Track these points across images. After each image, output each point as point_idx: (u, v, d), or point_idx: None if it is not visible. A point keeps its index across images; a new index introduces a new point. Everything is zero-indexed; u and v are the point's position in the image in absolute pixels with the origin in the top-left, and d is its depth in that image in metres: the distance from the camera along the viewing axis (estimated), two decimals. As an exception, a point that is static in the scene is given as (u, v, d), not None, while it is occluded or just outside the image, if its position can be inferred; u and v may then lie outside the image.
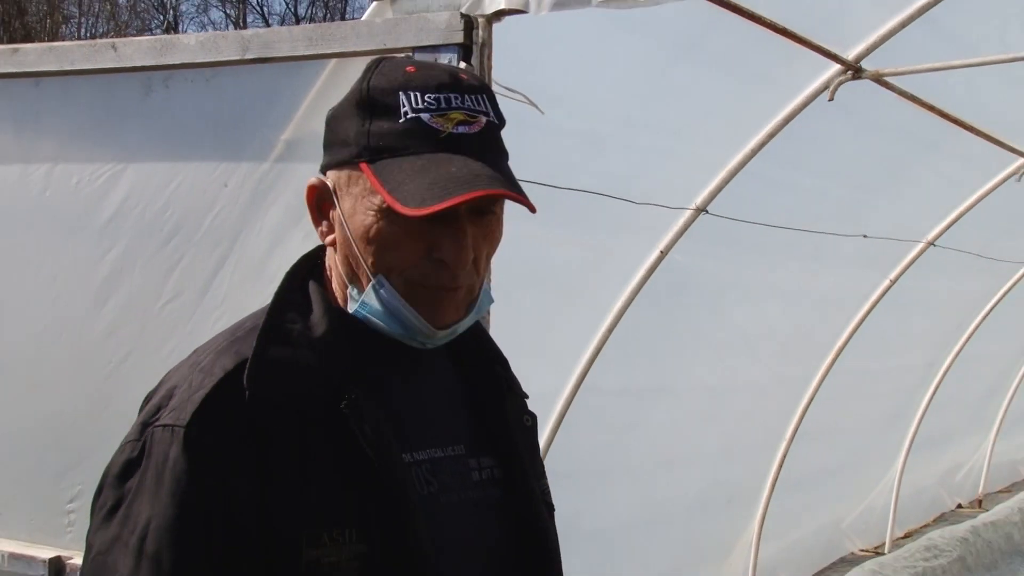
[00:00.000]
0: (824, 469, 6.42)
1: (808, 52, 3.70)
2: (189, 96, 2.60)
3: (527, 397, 1.55)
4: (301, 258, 1.40)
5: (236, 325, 1.35)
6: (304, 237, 2.33)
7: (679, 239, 4.16)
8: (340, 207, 1.30)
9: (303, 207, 1.37)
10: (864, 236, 5.35)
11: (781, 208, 4.67)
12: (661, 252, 4.15)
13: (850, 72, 3.93)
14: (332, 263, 1.36)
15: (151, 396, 1.30)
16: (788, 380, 5.78)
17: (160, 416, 1.24)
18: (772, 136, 4.09)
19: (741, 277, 4.99)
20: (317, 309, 1.32)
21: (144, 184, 2.65)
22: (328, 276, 1.37)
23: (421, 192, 1.20)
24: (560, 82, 3.14)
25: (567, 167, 3.40)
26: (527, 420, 1.49)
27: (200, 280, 2.59)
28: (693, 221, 4.16)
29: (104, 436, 1.99)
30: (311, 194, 1.34)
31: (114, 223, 2.68)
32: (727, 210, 4.22)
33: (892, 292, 5.99)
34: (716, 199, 4.16)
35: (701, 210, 4.15)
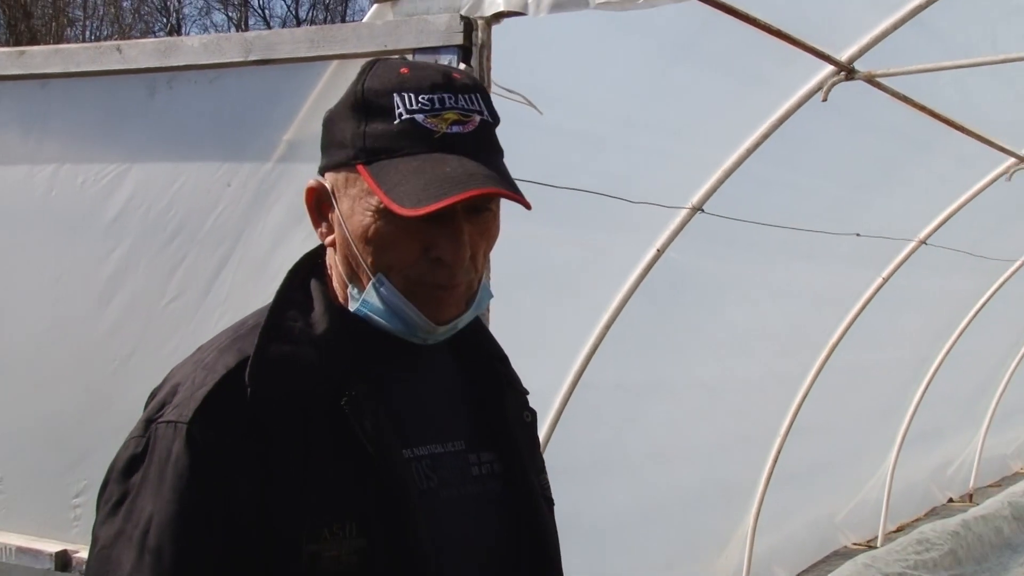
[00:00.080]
0: (818, 464, 6.42)
1: (802, 53, 3.70)
2: (193, 97, 2.60)
3: (528, 393, 1.54)
4: (303, 257, 1.40)
5: (239, 323, 1.35)
6: (306, 236, 2.32)
7: (675, 238, 4.16)
8: (338, 208, 1.30)
9: (305, 207, 1.37)
10: (857, 235, 5.35)
11: (776, 207, 4.67)
12: (658, 251, 4.15)
13: (843, 73, 3.94)
14: (332, 263, 1.36)
15: (156, 393, 1.30)
16: (783, 376, 5.79)
17: (164, 413, 1.24)
18: (767, 136, 4.09)
19: (736, 275, 4.99)
20: (318, 307, 1.32)
21: (148, 184, 2.64)
22: (329, 275, 1.37)
23: (417, 192, 1.20)
24: (558, 83, 3.13)
25: (565, 167, 3.39)
26: (527, 416, 1.49)
27: (203, 279, 2.59)
28: (689, 220, 4.15)
29: (109, 432, 1.99)
30: (310, 196, 1.34)
31: (119, 222, 2.68)
32: (723, 209, 4.22)
33: (885, 290, 6.00)
34: (712, 198, 4.16)
35: (697, 209, 4.15)
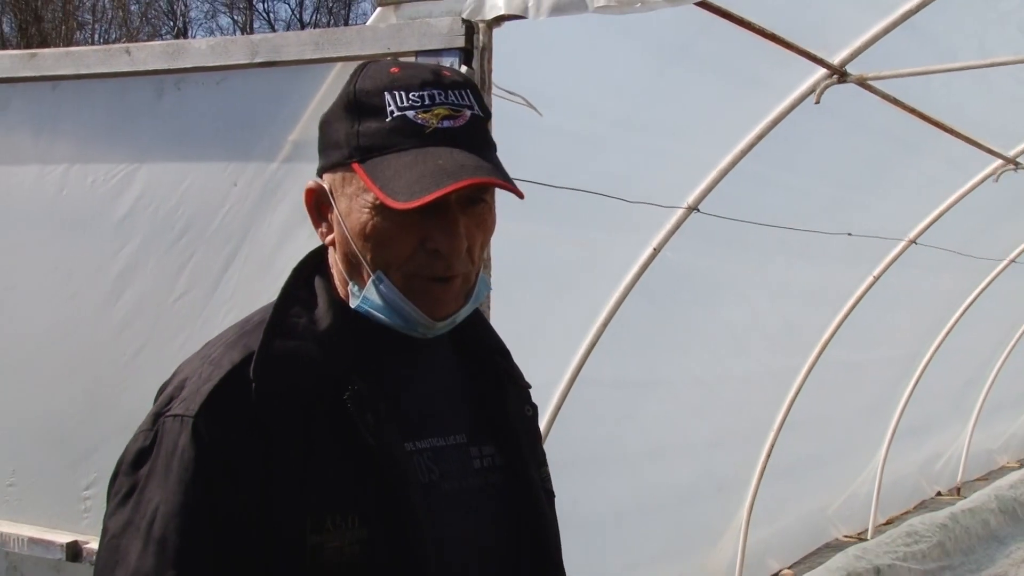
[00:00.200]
0: (810, 458, 6.42)
1: (795, 57, 3.70)
2: (200, 98, 2.59)
3: (530, 387, 1.54)
4: (307, 255, 1.40)
5: (245, 319, 1.35)
6: (310, 235, 2.31)
7: (671, 237, 4.16)
8: (337, 208, 1.30)
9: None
10: (849, 234, 5.35)
11: (770, 207, 4.67)
12: (654, 249, 4.15)
13: (836, 76, 3.94)
14: (333, 262, 1.36)
15: (164, 387, 1.31)
16: (776, 372, 5.78)
17: (171, 407, 1.24)
18: (761, 137, 4.09)
19: (732, 274, 4.98)
20: (322, 303, 1.32)
21: (157, 183, 2.64)
22: (331, 273, 1.37)
23: (410, 186, 1.20)
24: (557, 85, 3.13)
25: (564, 167, 3.39)
26: (528, 410, 1.49)
27: (211, 276, 2.59)
28: (685, 219, 4.15)
29: (119, 426, 1.99)
30: (309, 197, 1.35)
31: (128, 221, 2.68)
32: (718, 209, 4.21)
33: (876, 288, 6.00)
34: (707, 198, 4.16)
35: (693, 209, 4.15)
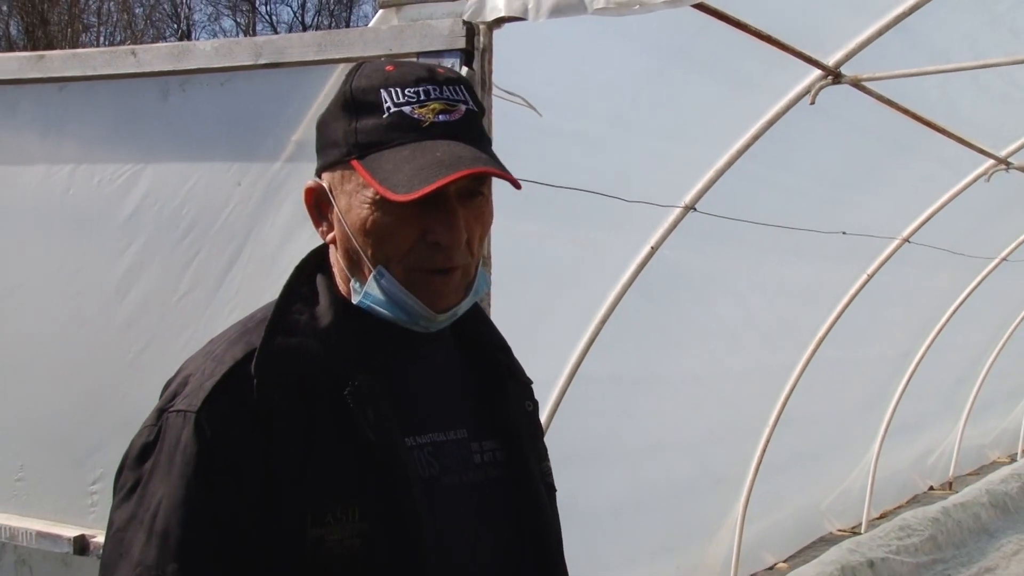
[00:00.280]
0: (805, 454, 6.42)
1: (791, 58, 3.70)
2: (205, 99, 2.59)
3: (531, 383, 1.54)
4: (309, 253, 1.40)
5: (248, 317, 1.35)
6: (313, 233, 2.28)
7: (669, 235, 4.15)
8: (337, 205, 1.30)
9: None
10: (843, 233, 5.35)
11: (765, 206, 4.66)
12: (652, 248, 4.15)
13: (830, 77, 3.93)
14: (335, 260, 1.36)
15: (169, 383, 1.31)
16: (771, 369, 5.78)
17: (175, 402, 1.25)
18: (757, 138, 4.08)
19: (727, 272, 4.98)
20: (323, 300, 1.32)
21: (162, 183, 2.64)
22: (333, 271, 1.37)
23: (409, 179, 1.20)
24: (557, 86, 3.12)
25: (563, 167, 3.39)
26: (528, 406, 1.48)
27: (215, 274, 2.58)
28: (682, 218, 4.15)
29: (124, 421, 1.98)
30: (309, 196, 1.34)
31: (134, 220, 2.67)
32: (714, 208, 4.21)
33: (869, 286, 5.99)
34: (704, 197, 4.15)
35: (689, 208, 4.15)
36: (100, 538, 2.63)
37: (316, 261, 1.38)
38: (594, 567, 4.39)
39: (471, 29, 2.24)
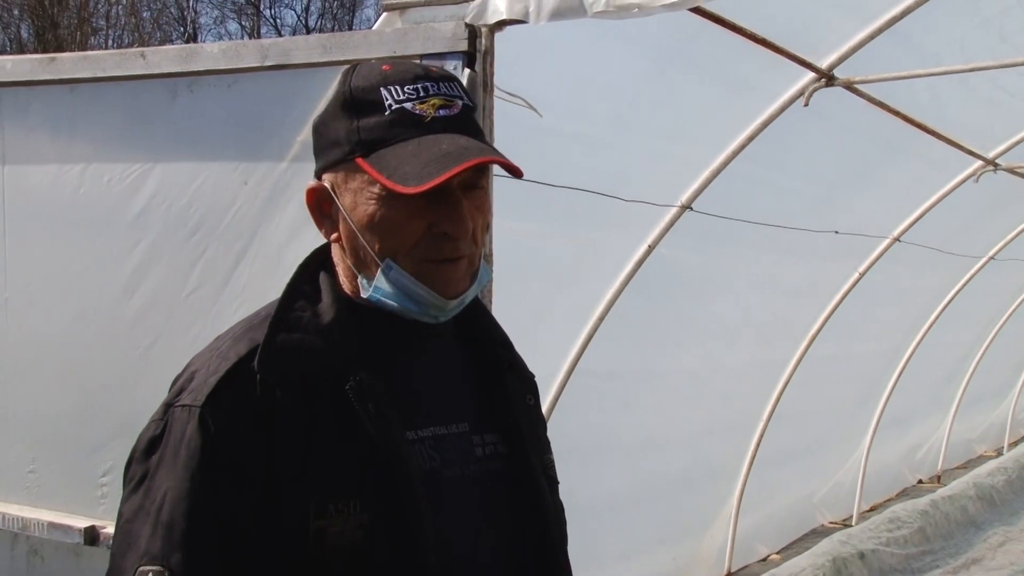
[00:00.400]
0: (798, 448, 6.42)
1: (786, 61, 3.69)
2: (212, 100, 2.58)
3: (533, 377, 1.53)
4: (312, 252, 1.39)
5: (253, 314, 1.35)
6: (318, 232, 2.31)
7: (665, 234, 4.15)
8: (341, 204, 1.30)
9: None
10: (836, 232, 5.34)
11: (760, 206, 4.66)
12: (649, 246, 4.14)
13: (823, 80, 3.93)
14: (338, 259, 1.35)
15: (177, 379, 1.31)
16: (765, 365, 5.78)
17: (181, 397, 1.25)
18: (752, 138, 4.08)
19: (722, 269, 4.97)
20: (326, 298, 1.32)
21: (170, 182, 2.63)
22: (335, 270, 1.36)
23: (418, 171, 1.21)
24: (556, 87, 3.12)
25: (562, 167, 3.38)
26: (529, 399, 1.48)
27: (222, 272, 2.58)
28: (679, 218, 4.14)
29: (133, 415, 1.97)
30: (310, 197, 1.34)
31: (142, 218, 2.67)
32: (710, 207, 4.21)
33: (861, 284, 5.99)
34: (700, 197, 4.15)
35: (686, 207, 4.14)
36: (110, 529, 2.63)
37: (319, 260, 1.38)
38: (591, 560, 4.39)
39: (473, 32, 2.23)
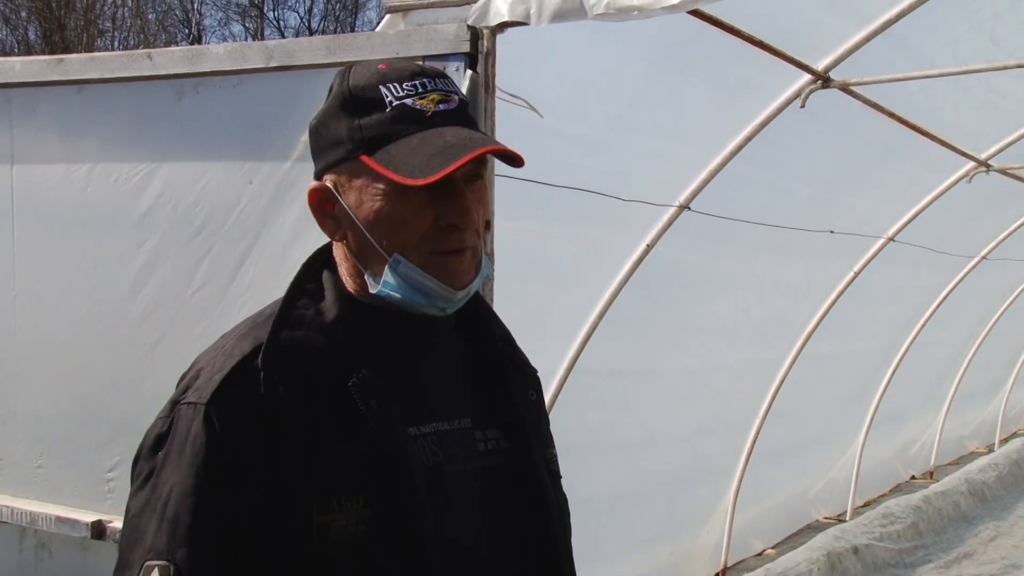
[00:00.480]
0: (793, 444, 6.42)
1: (782, 63, 3.69)
2: (217, 101, 2.58)
3: (536, 372, 1.53)
4: (316, 251, 1.39)
5: (258, 312, 1.35)
6: (321, 231, 2.31)
7: (664, 234, 4.15)
8: (345, 202, 1.29)
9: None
10: (831, 232, 5.34)
11: (757, 206, 4.66)
12: (647, 246, 4.14)
13: (820, 82, 3.93)
14: (340, 257, 1.35)
15: (183, 377, 1.31)
16: (762, 363, 5.78)
17: (187, 395, 1.25)
18: (749, 139, 4.08)
19: (720, 269, 4.97)
20: (329, 296, 1.32)
21: (176, 182, 2.63)
22: (339, 269, 1.36)
23: (424, 164, 1.21)
24: (557, 88, 3.11)
25: (562, 167, 3.38)
26: (531, 395, 1.47)
27: (227, 270, 2.58)
28: (677, 217, 4.14)
29: (140, 412, 1.98)
30: (312, 197, 1.33)
31: (149, 217, 2.66)
32: (708, 207, 4.20)
33: (856, 283, 5.99)
34: (698, 197, 4.15)
35: (684, 207, 4.14)
36: (116, 523, 2.62)
37: (323, 258, 1.37)
38: (590, 555, 4.39)
39: (475, 33, 2.23)
